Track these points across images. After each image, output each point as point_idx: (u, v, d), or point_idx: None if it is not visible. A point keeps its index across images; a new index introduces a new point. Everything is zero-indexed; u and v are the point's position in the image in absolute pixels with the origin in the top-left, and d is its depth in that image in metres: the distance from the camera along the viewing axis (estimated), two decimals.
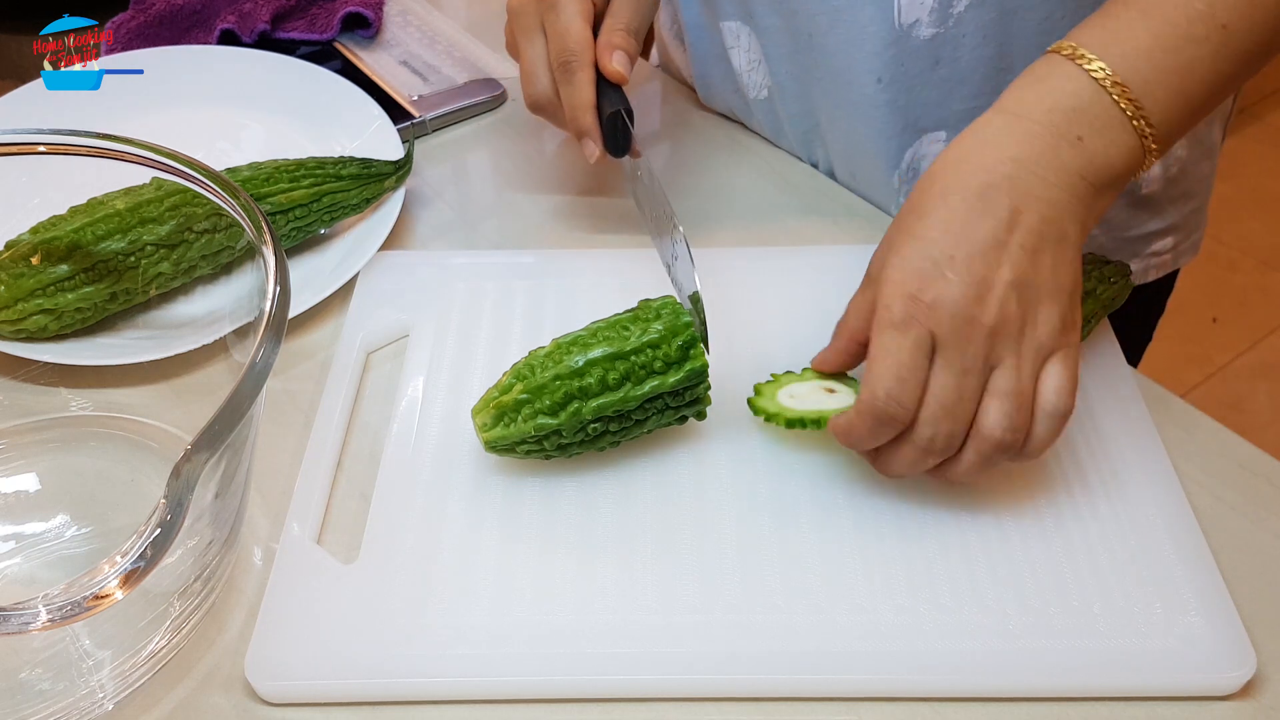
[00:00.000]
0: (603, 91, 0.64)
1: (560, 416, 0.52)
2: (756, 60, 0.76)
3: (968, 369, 0.49)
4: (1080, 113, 0.50)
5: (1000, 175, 0.49)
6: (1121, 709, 0.48)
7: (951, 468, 0.51)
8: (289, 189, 0.66)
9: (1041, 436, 0.50)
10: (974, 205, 0.49)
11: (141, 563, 0.39)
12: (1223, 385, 1.88)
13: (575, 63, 0.63)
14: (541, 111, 0.67)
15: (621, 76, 0.64)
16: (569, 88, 0.64)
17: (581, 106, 0.64)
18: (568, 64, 0.63)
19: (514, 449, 0.54)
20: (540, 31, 0.65)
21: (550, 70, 0.65)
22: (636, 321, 0.54)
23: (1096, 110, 0.50)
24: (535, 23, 0.65)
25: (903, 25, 0.67)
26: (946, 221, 0.49)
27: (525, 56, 0.66)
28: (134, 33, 0.87)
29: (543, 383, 0.53)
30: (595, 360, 0.53)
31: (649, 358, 0.53)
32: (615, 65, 0.64)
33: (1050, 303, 0.49)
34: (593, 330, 0.54)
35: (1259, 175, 2.22)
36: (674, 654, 0.48)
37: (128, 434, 0.59)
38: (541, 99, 0.66)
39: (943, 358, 0.49)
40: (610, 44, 0.64)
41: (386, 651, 0.49)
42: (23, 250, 0.60)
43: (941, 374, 0.49)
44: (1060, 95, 0.51)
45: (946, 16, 0.66)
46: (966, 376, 0.49)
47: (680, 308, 0.54)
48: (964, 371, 0.49)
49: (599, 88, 0.64)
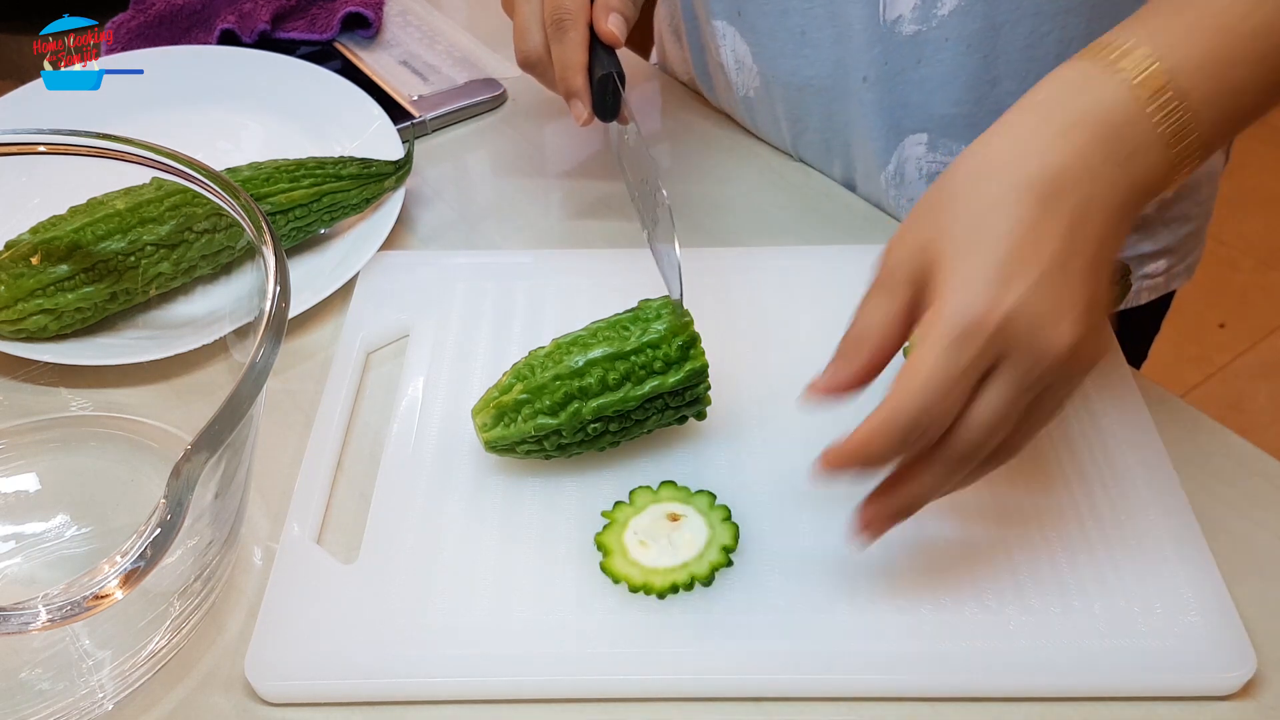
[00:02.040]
0: (595, 54, 0.64)
1: (560, 416, 0.52)
2: (744, 57, 0.76)
3: (1027, 388, 0.45)
4: (1128, 128, 0.46)
5: (1062, 186, 0.45)
6: (1121, 709, 0.48)
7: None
8: (289, 189, 0.66)
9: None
10: (1041, 211, 0.45)
11: (141, 563, 0.39)
12: (1223, 385, 1.88)
13: (569, 21, 0.62)
14: (532, 69, 0.66)
15: (615, 38, 0.63)
16: (561, 46, 0.63)
17: (572, 66, 0.63)
18: (561, 21, 0.62)
19: (514, 449, 0.54)
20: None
21: (544, 27, 0.64)
22: (636, 321, 0.54)
23: (1143, 125, 0.46)
24: None
25: (887, 21, 0.67)
26: (1014, 229, 0.45)
27: (520, 12, 0.65)
28: (134, 33, 0.87)
29: (543, 383, 0.53)
30: (595, 360, 0.53)
31: (649, 358, 0.53)
32: (610, 26, 0.63)
33: (1098, 334, 0.46)
34: (593, 330, 0.54)
35: (1259, 175, 2.22)
36: (674, 654, 0.48)
37: (128, 434, 0.59)
38: (533, 55, 0.65)
39: (1003, 375, 0.44)
40: (607, 5, 0.63)
41: (386, 651, 0.49)
42: (23, 250, 0.60)
43: (1000, 387, 0.44)
44: (1110, 108, 0.46)
45: (930, 16, 0.66)
46: (1024, 394, 0.45)
47: (681, 308, 0.54)
48: (1023, 390, 0.45)
49: (592, 50, 0.64)
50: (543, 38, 0.64)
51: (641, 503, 0.53)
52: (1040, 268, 0.44)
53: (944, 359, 0.43)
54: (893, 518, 0.48)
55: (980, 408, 0.45)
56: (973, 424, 0.45)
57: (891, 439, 0.44)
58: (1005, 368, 0.44)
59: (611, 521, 0.53)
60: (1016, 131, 0.47)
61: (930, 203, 0.47)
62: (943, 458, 0.46)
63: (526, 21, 0.64)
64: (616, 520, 0.53)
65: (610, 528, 0.52)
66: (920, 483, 0.47)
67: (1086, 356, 0.45)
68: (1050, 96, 0.48)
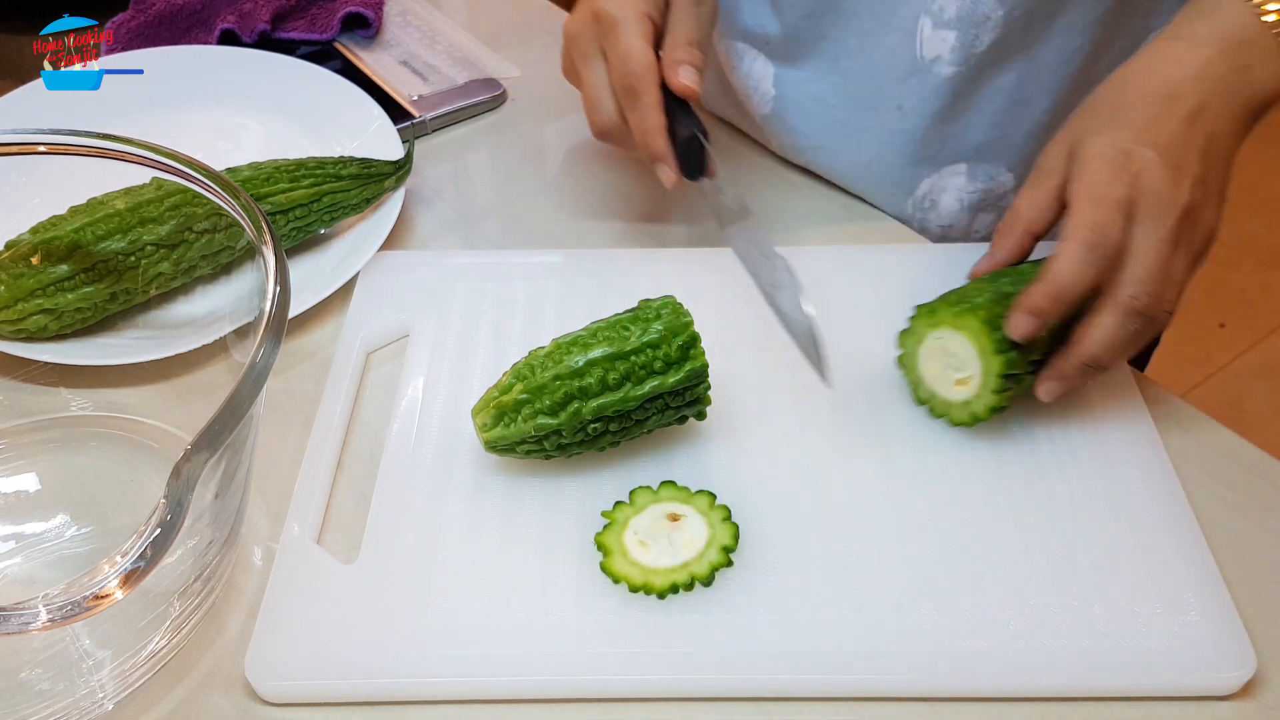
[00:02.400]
0: (672, 112, 0.62)
1: (560, 416, 0.52)
2: (764, 80, 0.75)
3: (1166, 239, 0.52)
4: (1249, 44, 0.55)
5: (1185, 89, 0.55)
6: (1121, 709, 0.48)
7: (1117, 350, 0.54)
8: (289, 189, 0.66)
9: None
10: (1164, 106, 0.54)
11: (141, 563, 0.39)
12: (1223, 385, 1.88)
13: (640, 85, 0.61)
14: (608, 138, 0.65)
15: (692, 91, 0.62)
16: (636, 112, 0.62)
17: (651, 130, 0.62)
18: (632, 88, 0.61)
19: (514, 449, 0.54)
20: (600, 56, 0.63)
21: (614, 95, 0.63)
22: (636, 321, 0.54)
23: (1263, 40, 0.55)
24: (594, 47, 0.63)
25: (924, 58, 0.67)
26: (1141, 118, 0.54)
27: (587, 83, 0.63)
28: (134, 33, 0.87)
29: (543, 383, 0.53)
30: (595, 360, 0.53)
31: (649, 358, 0.53)
32: (684, 81, 0.61)
33: (1213, 209, 0.54)
34: (593, 330, 0.54)
35: (1259, 175, 2.22)
36: (674, 654, 0.48)
37: (128, 434, 0.59)
38: (608, 125, 0.64)
39: (1144, 226, 0.53)
40: (675, 60, 0.62)
41: (386, 651, 0.49)
42: (23, 250, 0.60)
43: (1145, 239, 0.53)
44: (1231, 26, 0.56)
45: (969, 56, 0.67)
46: (1166, 245, 0.53)
47: (680, 307, 0.54)
48: (1163, 240, 0.53)
49: (668, 108, 0.62)
50: (615, 106, 0.63)
51: (641, 503, 0.53)
52: (1164, 140, 0.54)
53: (1093, 203, 0.53)
54: (1079, 370, 0.55)
55: (1135, 252, 0.53)
56: (1133, 265, 0.53)
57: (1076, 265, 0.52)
58: (1143, 218, 0.53)
59: (611, 521, 0.53)
60: (1154, 49, 0.57)
61: (1079, 114, 0.57)
62: (1112, 302, 0.53)
63: (596, 91, 0.63)
64: (616, 520, 0.53)
65: (610, 528, 0.52)
66: (1101, 330, 0.53)
67: (1204, 222, 0.54)
68: (1184, 19, 0.58)
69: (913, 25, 0.67)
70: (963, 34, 0.66)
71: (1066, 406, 0.59)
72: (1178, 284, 0.54)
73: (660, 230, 0.73)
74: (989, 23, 0.65)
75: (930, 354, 0.57)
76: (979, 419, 0.56)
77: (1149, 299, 0.53)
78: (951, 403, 0.57)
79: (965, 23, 0.66)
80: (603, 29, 0.62)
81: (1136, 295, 0.53)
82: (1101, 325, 0.53)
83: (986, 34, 0.66)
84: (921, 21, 0.67)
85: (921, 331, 0.57)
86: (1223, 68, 0.55)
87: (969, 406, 0.56)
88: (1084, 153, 0.55)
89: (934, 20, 0.66)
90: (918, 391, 0.58)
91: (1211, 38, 0.56)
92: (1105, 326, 0.53)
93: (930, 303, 0.57)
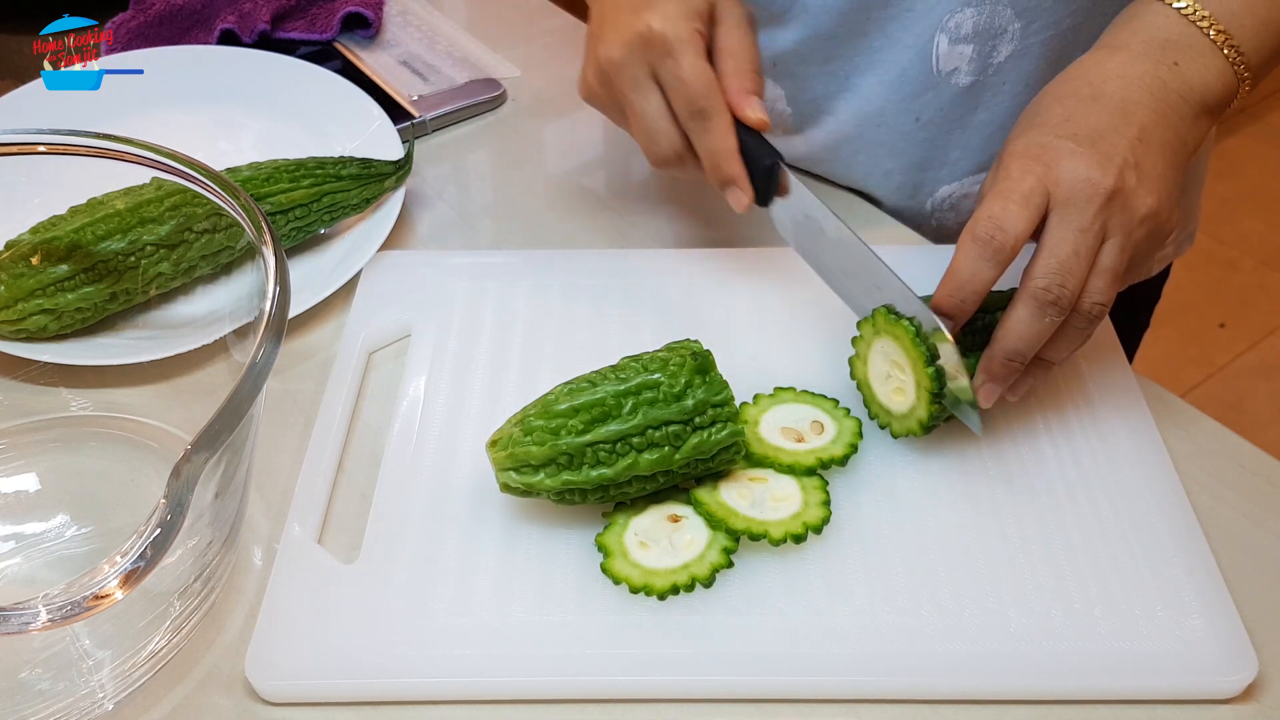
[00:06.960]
0: (740, 137, 0.59)
1: (587, 475, 0.51)
2: (776, 101, 0.74)
3: (1084, 227, 0.51)
4: (1173, 43, 0.55)
5: (1111, 87, 0.54)
6: (1122, 711, 0.48)
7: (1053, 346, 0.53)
8: (289, 189, 0.66)
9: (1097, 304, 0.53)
10: (1089, 104, 0.54)
11: (141, 563, 0.39)
12: (1223, 385, 1.88)
13: (710, 108, 0.58)
14: (668, 166, 0.61)
15: (766, 124, 0.59)
16: (707, 136, 0.58)
17: (725, 154, 0.58)
18: (702, 111, 0.58)
19: (530, 495, 0.53)
20: (652, 80, 0.59)
21: (673, 122, 0.59)
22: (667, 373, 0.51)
23: (1189, 40, 0.55)
24: (645, 73, 0.59)
25: (941, 72, 0.68)
26: (1060, 115, 0.54)
27: (640, 112, 0.59)
28: (134, 33, 0.87)
29: (575, 449, 0.50)
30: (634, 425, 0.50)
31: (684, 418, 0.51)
32: (756, 114, 0.58)
33: (1155, 195, 0.52)
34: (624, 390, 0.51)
35: (1259, 175, 2.22)
36: (674, 654, 0.48)
37: (128, 434, 0.59)
38: (670, 154, 0.60)
39: (1058, 214, 0.52)
40: (743, 90, 0.59)
41: (386, 651, 0.48)
42: (23, 250, 0.60)
43: (1058, 228, 0.51)
44: (1153, 29, 0.56)
45: (986, 66, 0.67)
46: (1084, 234, 0.51)
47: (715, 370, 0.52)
48: (1080, 229, 0.51)
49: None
50: (678, 134, 0.59)
51: (642, 503, 0.53)
52: (1087, 132, 0.53)
53: (992, 201, 0.52)
54: (1004, 365, 0.53)
55: (1047, 243, 0.52)
56: (1045, 256, 0.51)
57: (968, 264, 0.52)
58: (1059, 207, 0.52)
59: (612, 522, 0.53)
60: (1079, 60, 0.57)
61: (1024, 122, 0.56)
62: (1024, 295, 0.52)
63: (653, 121, 0.59)
64: (617, 521, 0.53)
65: (611, 528, 0.52)
66: (1016, 325, 0.52)
67: (1140, 208, 0.52)
68: (1108, 31, 0.58)
69: (928, 43, 0.67)
70: (980, 46, 0.66)
71: (1067, 407, 0.59)
72: (1108, 273, 0.52)
73: (661, 230, 0.73)
74: (1006, 35, 0.66)
75: (875, 363, 0.57)
76: (913, 432, 0.55)
77: (1061, 290, 0.51)
78: (893, 413, 0.56)
79: (983, 36, 0.66)
80: (656, 52, 0.58)
81: (1047, 287, 0.51)
82: (1013, 318, 0.52)
83: (1005, 45, 0.66)
84: (937, 39, 0.67)
85: (865, 342, 0.57)
86: (1147, 64, 0.55)
87: (906, 420, 0.55)
88: (1001, 157, 0.54)
89: (950, 37, 0.66)
90: (868, 405, 0.58)
91: (1133, 40, 0.56)
92: (1017, 319, 0.52)
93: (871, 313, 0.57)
